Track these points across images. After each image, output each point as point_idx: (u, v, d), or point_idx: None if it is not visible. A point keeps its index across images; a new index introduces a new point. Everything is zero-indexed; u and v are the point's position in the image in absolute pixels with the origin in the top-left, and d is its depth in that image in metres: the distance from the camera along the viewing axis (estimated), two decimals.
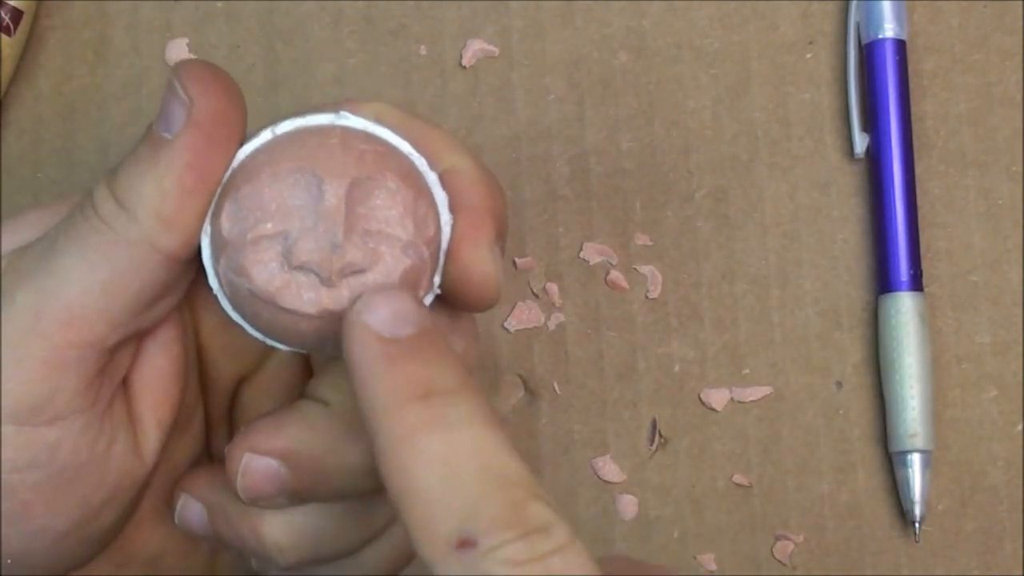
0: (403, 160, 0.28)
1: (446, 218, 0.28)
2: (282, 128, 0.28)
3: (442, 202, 0.28)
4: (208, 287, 0.28)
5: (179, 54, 0.45)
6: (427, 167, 0.28)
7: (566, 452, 0.44)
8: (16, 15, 0.43)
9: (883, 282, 0.44)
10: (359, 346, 0.26)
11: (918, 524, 0.43)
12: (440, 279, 0.28)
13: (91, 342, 0.27)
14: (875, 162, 0.44)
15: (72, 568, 0.30)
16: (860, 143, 0.44)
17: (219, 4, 0.45)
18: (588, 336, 0.44)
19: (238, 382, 0.33)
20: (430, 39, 0.45)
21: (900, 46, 0.44)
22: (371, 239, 0.27)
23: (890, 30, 0.44)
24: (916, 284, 0.43)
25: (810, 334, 0.44)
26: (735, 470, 0.44)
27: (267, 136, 0.28)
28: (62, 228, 0.28)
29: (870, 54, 0.44)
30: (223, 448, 0.33)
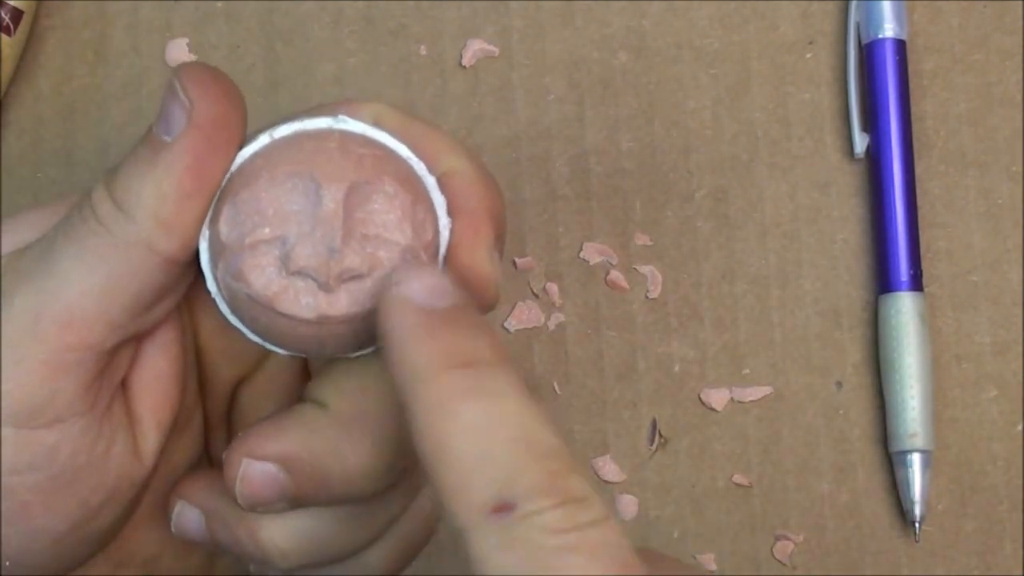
0: (401, 164, 0.28)
1: (444, 222, 0.28)
2: (280, 132, 0.28)
3: (440, 206, 0.28)
4: (206, 290, 0.28)
5: (179, 54, 0.45)
6: (425, 171, 0.28)
7: None
8: (16, 15, 0.43)
9: (883, 282, 0.44)
10: (398, 314, 0.26)
11: (918, 524, 0.43)
12: None
13: (90, 344, 0.27)
14: (875, 162, 0.44)
15: (70, 569, 0.30)
16: (860, 143, 0.44)
17: (219, 4, 0.45)
18: (588, 336, 0.44)
19: (236, 385, 0.33)
20: (430, 39, 0.45)
21: (900, 46, 0.44)
22: (369, 244, 0.27)
23: (890, 30, 0.44)
24: (916, 284, 0.43)
25: (810, 334, 0.44)
26: (735, 470, 0.44)
27: (265, 140, 0.28)
28: (60, 229, 0.28)
29: (870, 54, 0.44)
30: (220, 451, 0.33)
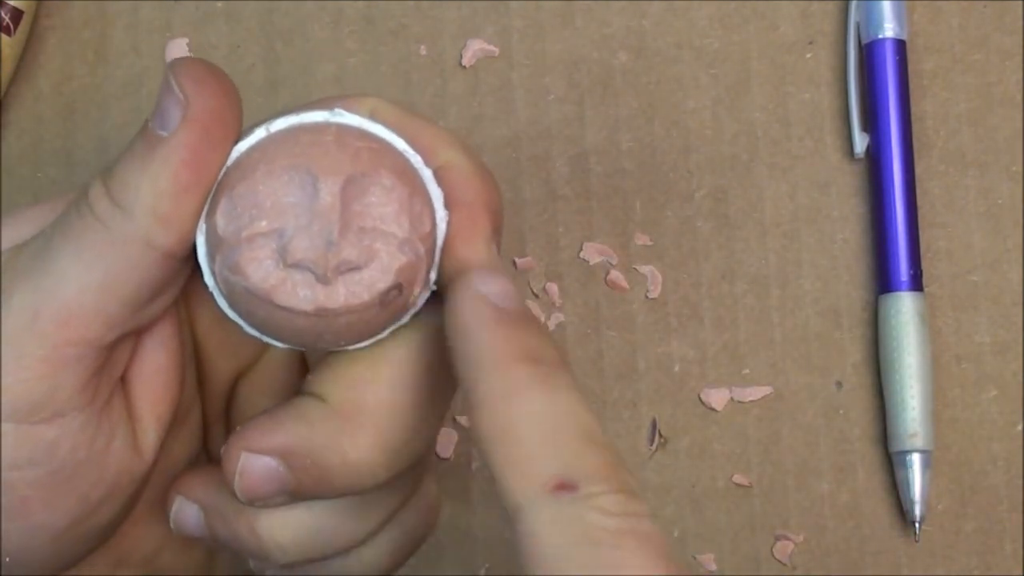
0: (398, 157, 0.28)
1: (441, 214, 0.28)
2: (276, 126, 0.28)
3: (437, 198, 0.28)
4: (204, 285, 0.28)
5: (179, 54, 0.45)
6: (422, 164, 0.28)
7: None
8: (16, 15, 0.43)
9: (883, 282, 0.44)
10: (476, 307, 0.27)
11: (918, 524, 0.43)
12: (436, 275, 0.28)
13: (89, 340, 0.27)
14: (875, 162, 0.44)
15: (69, 566, 0.30)
16: (860, 143, 0.44)
17: (219, 4, 0.45)
18: (588, 336, 0.44)
19: (234, 379, 0.33)
20: (430, 39, 0.45)
21: (900, 46, 0.44)
22: (366, 236, 0.27)
23: (890, 30, 0.44)
24: (916, 284, 0.43)
25: (810, 334, 0.44)
26: (735, 470, 0.44)
27: (261, 134, 0.28)
28: (58, 226, 0.28)
29: (870, 54, 0.44)
30: (219, 446, 0.33)
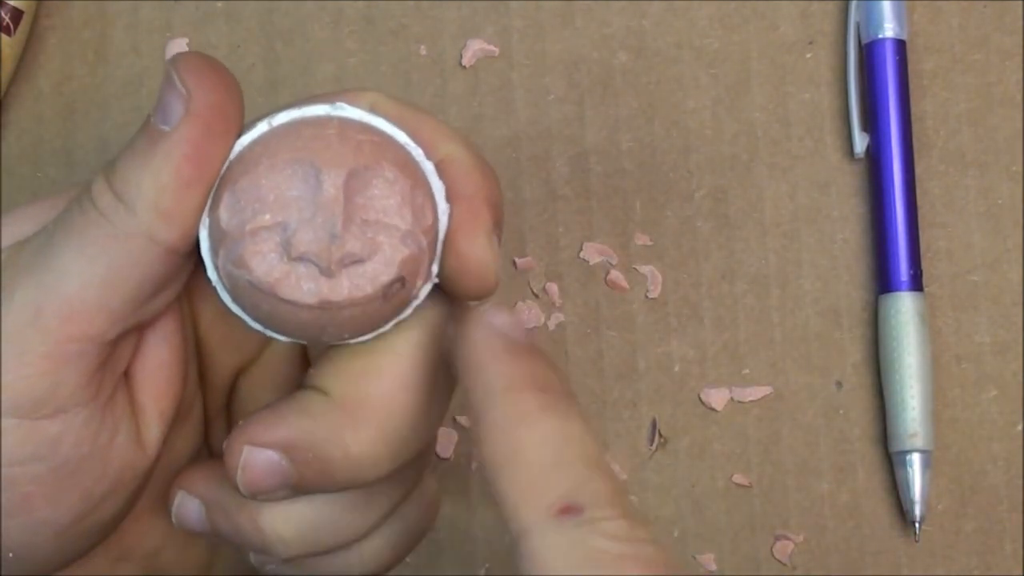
0: (400, 150, 0.28)
1: (443, 207, 0.28)
2: (279, 119, 0.28)
3: (439, 191, 0.28)
4: (207, 279, 0.28)
5: None
6: (423, 157, 0.28)
7: None
8: (16, 15, 0.43)
9: (883, 282, 0.44)
10: (487, 336, 0.28)
11: (918, 524, 0.43)
12: (438, 268, 0.28)
13: (91, 336, 0.27)
14: (875, 162, 0.44)
15: (71, 562, 0.30)
16: (860, 143, 0.44)
17: (219, 4, 0.45)
18: (588, 336, 0.44)
19: (236, 374, 0.33)
20: (430, 39, 0.45)
21: (900, 46, 0.44)
22: (369, 229, 0.27)
23: (890, 30, 0.44)
24: (916, 284, 0.43)
25: (810, 334, 0.44)
26: (735, 470, 0.44)
27: (264, 128, 0.28)
28: (60, 222, 0.28)
29: (870, 54, 0.44)
30: (220, 441, 0.33)
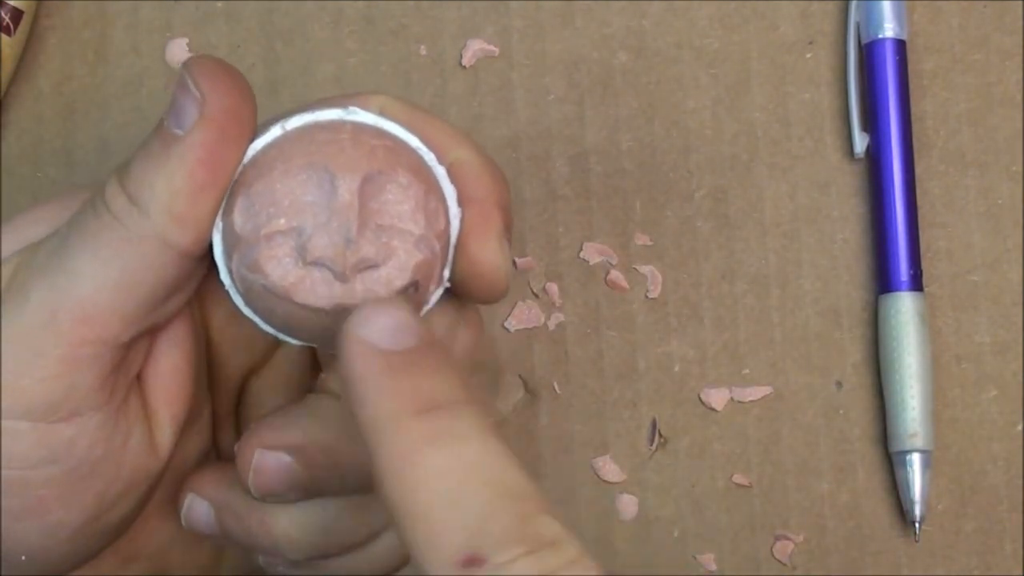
0: (413, 155, 0.28)
1: (455, 212, 0.28)
2: (292, 124, 0.28)
3: (451, 196, 0.28)
4: (219, 282, 0.28)
5: (179, 54, 0.45)
6: (435, 161, 0.29)
7: (566, 452, 0.44)
8: (16, 15, 0.43)
9: (883, 282, 0.44)
10: (358, 360, 0.25)
11: (918, 524, 0.43)
12: (449, 272, 0.29)
13: (106, 339, 0.27)
14: (875, 162, 0.44)
15: (81, 563, 0.30)
16: (860, 143, 0.44)
17: (219, 4, 0.45)
18: (588, 336, 0.44)
19: (246, 376, 0.33)
20: (430, 39, 0.45)
21: (900, 46, 0.44)
22: (384, 234, 0.27)
23: (890, 30, 0.44)
24: (916, 284, 0.43)
25: (810, 334, 0.44)
26: (735, 470, 0.44)
27: (277, 132, 0.28)
28: (74, 224, 0.28)
29: (870, 54, 0.44)
30: (229, 443, 0.33)
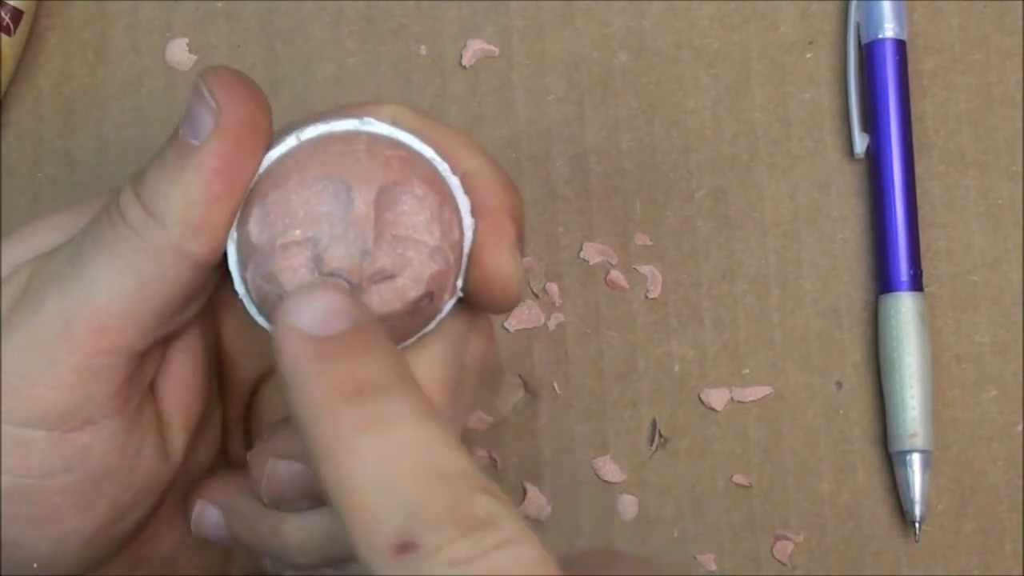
0: (427, 165, 0.28)
1: (469, 222, 0.28)
2: (307, 134, 0.28)
3: (464, 206, 0.28)
4: (233, 292, 0.28)
5: (179, 54, 0.45)
6: (449, 172, 0.29)
7: (566, 452, 0.44)
8: (16, 15, 0.43)
9: (883, 282, 0.44)
10: (289, 348, 0.25)
11: (918, 524, 0.43)
12: (462, 282, 0.29)
13: (120, 348, 0.27)
14: (875, 162, 0.44)
15: (94, 569, 0.30)
16: (860, 143, 0.44)
17: (219, 4, 0.45)
18: (588, 336, 0.44)
19: (256, 383, 0.33)
20: (430, 39, 0.45)
21: (900, 46, 0.44)
22: (399, 245, 0.27)
23: (890, 30, 0.44)
24: (916, 284, 0.43)
25: (810, 334, 0.44)
26: (735, 470, 0.44)
27: (292, 142, 0.28)
28: (88, 233, 0.28)
29: (870, 54, 0.44)
30: (239, 450, 0.33)
